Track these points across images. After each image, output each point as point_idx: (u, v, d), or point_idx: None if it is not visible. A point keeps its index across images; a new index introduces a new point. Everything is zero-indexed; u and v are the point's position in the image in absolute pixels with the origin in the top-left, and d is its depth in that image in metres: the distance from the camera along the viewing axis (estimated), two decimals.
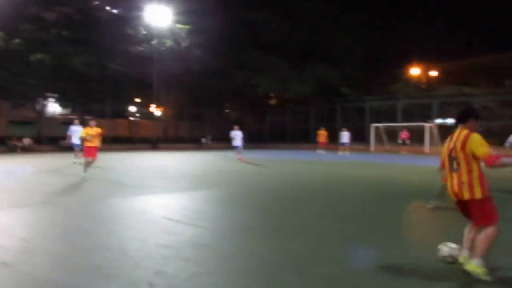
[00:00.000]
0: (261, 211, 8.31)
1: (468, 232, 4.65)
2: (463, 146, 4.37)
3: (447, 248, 4.74)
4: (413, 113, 36.79)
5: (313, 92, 42.61)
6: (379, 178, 14.41)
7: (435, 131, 30.49)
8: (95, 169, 13.51)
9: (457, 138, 4.49)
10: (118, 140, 36.80)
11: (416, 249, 5.60)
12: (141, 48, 38.51)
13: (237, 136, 22.46)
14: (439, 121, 34.66)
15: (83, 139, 13.45)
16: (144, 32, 38.59)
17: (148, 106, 43.81)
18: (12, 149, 32.43)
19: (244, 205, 8.97)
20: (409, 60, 43.46)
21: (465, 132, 4.46)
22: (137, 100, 46.75)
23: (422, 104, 37.07)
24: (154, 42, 38.16)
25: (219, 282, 4.30)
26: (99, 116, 41.82)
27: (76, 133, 18.15)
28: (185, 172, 16.16)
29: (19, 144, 33.53)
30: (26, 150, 32.31)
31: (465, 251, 4.56)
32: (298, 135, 44.74)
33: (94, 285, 4.17)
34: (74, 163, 17.44)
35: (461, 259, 4.56)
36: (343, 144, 29.35)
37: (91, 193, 10.23)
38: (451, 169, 4.53)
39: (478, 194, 4.31)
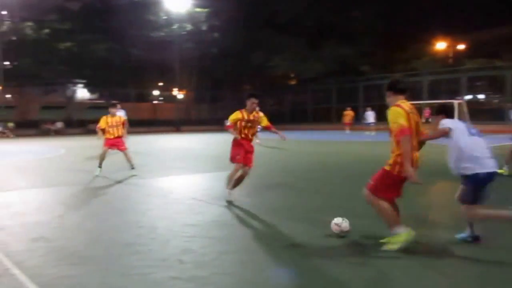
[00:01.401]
0: (280, 191, 8.37)
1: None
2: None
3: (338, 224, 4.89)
4: (439, 90, 35.41)
5: (333, 71, 41.72)
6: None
7: (465, 108, 28.84)
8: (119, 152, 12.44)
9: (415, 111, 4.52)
10: (142, 123, 37.23)
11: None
12: (162, 33, 38.62)
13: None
14: (468, 97, 32.96)
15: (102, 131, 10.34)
16: (165, 17, 38.64)
17: (170, 90, 44.05)
18: (45, 132, 33.27)
19: (268, 185, 8.95)
20: (433, 34, 40.36)
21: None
22: (160, 84, 47.04)
23: (449, 79, 34.99)
24: (175, 27, 38.19)
25: (245, 261, 4.34)
26: (124, 100, 42.35)
27: None
28: (209, 153, 16.29)
29: (52, 127, 34.37)
30: (58, 133, 33.10)
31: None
32: (319, 115, 44.12)
33: (126, 260, 4.31)
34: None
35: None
36: (368, 124, 28.46)
37: (120, 174, 10.43)
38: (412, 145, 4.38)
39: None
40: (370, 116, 28.52)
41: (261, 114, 7.19)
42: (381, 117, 30.92)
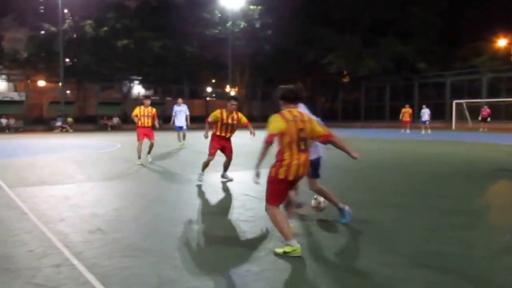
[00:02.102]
0: (337, 188, 8.21)
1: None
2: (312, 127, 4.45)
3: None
4: (499, 88, 34.04)
5: (388, 68, 40.78)
6: (463, 157, 13.72)
7: None
8: (173, 147, 13.39)
9: (303, 119, 4.43)
10: (195, 119, 37.78)
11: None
12: (216, 31, 39.03)
13: (180, 113, 18.73)
14: None
15: (135, 120, 11.67)
16: (219, 15, 39.03)
17: (223, 87, 44.53)
18: (102, 127, 34.53)
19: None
20: (494, 31, 38.39)
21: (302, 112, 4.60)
22: (213, 80, 47.63)
23: (510, 78, 34.03)
24: (229, 24, 38.50)
25: (296, 257, 4.27)
26: (178, 96, 43.23)
27: (181, 113, 16.45)
28: (258, 150, 16.23)
29: (109, 122, 35.62)
30: (114, 128, 34.26)
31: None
32: (372, 113, 43.30)
33: (179, 253, 4.35)
34: (181, 145, 16.26)
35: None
36: (424, 122, 27.34)
37: (172, 169, 10.63)
38: (300, 150, 4.38)
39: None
40: (425, 114, 27.38)
41: (240, 114, 8.59)
42: (437, 115, 29.84)
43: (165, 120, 37.65)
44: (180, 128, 16.46)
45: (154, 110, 11.80)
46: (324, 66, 42.07)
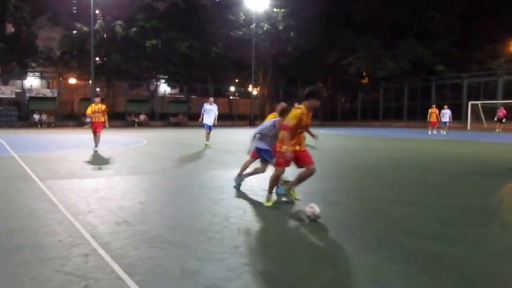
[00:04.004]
0: (352, 187, 8.13)
1: None
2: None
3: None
4: None
5: (406, 70, 40.41)
6: (478, 156, 13.42)
7: None
8: (196, 145, 13.73)
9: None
10: (219, 117, 38.03)
11: None
12: (240, 32, 39.10)
13: (210, 112, 17.73)
14: None
15: (89, 116, 14.13)
16: (243, 17, 39.07)
17: (246, 86, 44.58)
18: (130, 124, 34.93)
19: (336, 180, 8.83)
20: (511, 34, 38.78)
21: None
22: (236, 80, 47.74)
23: None
24: (253, 26, 38.51)
25: (314, 251, 4.30)
26: (202, 95, 43.53)
27: (211, 112, 15.64)
28: None
29: (136, 119, 36.02)
30: (142, 125, 34.64)
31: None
32: (390, 113, 42.88)
33: (201, 246, 4.35)
34: (206, 145, 15.32)
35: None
36: (445, 123, 26.43)
37: (196, 165, 10.66)
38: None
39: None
40: (446, 114, 26.53)
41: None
42: (454, 116, 29.14)
43: (189, 118, 38.00)
44: (209, 127, 15.61)
45: (104, 106, 13.89)
46: (344, 67, 41.87)
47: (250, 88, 43.28)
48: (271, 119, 7.09)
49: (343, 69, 42.50)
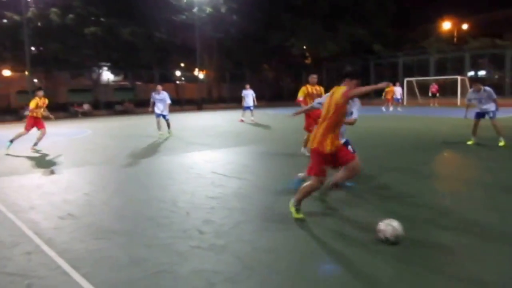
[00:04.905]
0: (296, 163, 8.25)
1: None
2: None
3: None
4: (445, 67, 35.29)
5: (347, 50, 41.44)
6: (409, 130, 14.01)
7: (467, 83, 28.94)
8: (143, 132, 13.39)
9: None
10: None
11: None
12: (183, 16, 38.31)
13: (248, 95, 19.39)
14: (471, 73, 33.07)
15: (30, 111, 11.24)
16: (185, 0, 38.27)
17: (192, 70, 43.95)
18: (73, 115, 33.52)
19: (281, 159, 8.94)
20: (440, 15, 40.87)
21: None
22: (182, 65, 46.94)
23: (454, 58, 35.41)
24: (195, 9, 37.81)
25: (261, 229, 4.35)
26: (148, 81, 42.52)
27: (161, 102, 14.18)
28: (229, 130, 16.19)
29: (79, 109, 34.62)
30: (85, 115, 33.33)
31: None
32: None
33: (150, 232, 4.29)
34: (164, 134, 14.06)
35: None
36: (398, 100, 26.22)
37: (144, 152, 10.42)
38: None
39: None
40: (397, 92, 26.58)
41: (321, 87, 9.07)
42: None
43: (136, 105, 37.03)
44: (160, 115, 14.16)
45: (46, 100, 11.66)
46: (288, 48, 42.26)
47: (196, 72, 42.70)
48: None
49: (286, 51, 42.87)
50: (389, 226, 3.75)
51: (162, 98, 14.12)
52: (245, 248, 3.79)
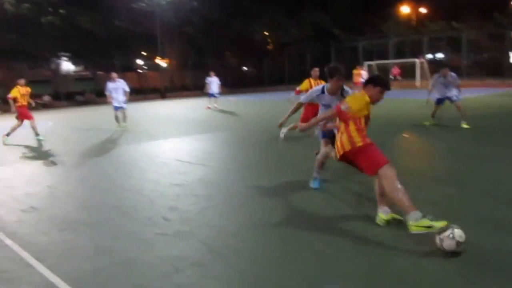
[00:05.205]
0: (262, 149, 8.35)
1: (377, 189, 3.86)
2: None
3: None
4: (404, 50, 36.03)
5: (308, 36, 41.68)
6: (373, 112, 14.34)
7: (425, 66, 29.81)
8: (106, 123, 13.13)
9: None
10: (130, 92, 36.58)
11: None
12: (143, 4, 37.47)
13: (213, 83, 18.96)
14: (429, 56, 34.01)
15: (14, 100, 11.00)
16: None
17: (154, 58, 43.17)
18: (33, 107, 32.27)
19: (247, 144, 9.03)
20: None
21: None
22: (144, 53, 46.02)
23: (412, 41, 36.06)
24: None
25: (226, 214, 4.41)
26: (109, 70, 41.42)
27: (117, 91, 12.83)
28: (193, 117, 16.11)
29: (39, 101, 33.42)
30: (46, 106, 32.24)
31: (384, 208, 3.77)
32: (295, 78, 44.05)
33: (115, 221, 4.28)
34: (123, 126, 12.88)
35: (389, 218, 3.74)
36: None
37: (107, 142, 10.26)
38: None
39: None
40: (364, 75, 25.75)
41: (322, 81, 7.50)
42: (352, 77, 30.72)
43: (98, 95, 36.14)
44: (118, 107, 12.85)
45: (29, 89, 11.54)
46: (250, 35, 42.12)
47: (158, 61, 41.96)
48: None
49: (248, 37, 42.71)
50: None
51: (118, 87, 12.82)
52: (211, 233, 3.83)
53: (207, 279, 2.94)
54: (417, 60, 30.91)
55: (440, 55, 37.28)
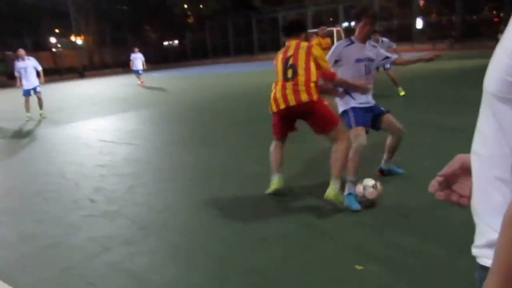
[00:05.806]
0: (187, 124, 8.35)
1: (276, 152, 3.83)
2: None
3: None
4: (322, 20, 36.90)
5: (228, 7, 41.20)
6: None
7: (342, 34, 30.81)
8: (20, 106, 12.25)
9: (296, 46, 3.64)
10: (44, 72, 34.26)
11: None
12: None
13: (137, 59, 18.40)
14: (345, 24, 35.19)
15: None
16: None
17: (69, 36, 40.57)
18: None
19: (172, 121, 8.97)
20: None
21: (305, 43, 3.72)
22: (57, 30, 42.99)
23: (329, 10, 37.09)
24: None
25: (154, 191, 4.41)
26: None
27: (26, 71, 10.70)
28: (114, 96, 15.56)
29: None
30: None
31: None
32: (219, 50, 43.70)
33: (38, 207, 4.14)
34: (30, 117, 10.64)
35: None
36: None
37: (24, 126, 9.66)
38: (285, 79, 3.56)
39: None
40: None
41: None
42: (273, 48, 31.15)
43: (9, 77, 33.44)
44: (28, 92, 10.74)
45: None
46: (169, 8, 40.85)
47: (73, 38, 39.51)
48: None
49: (167, 10, 41.42)
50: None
51: (27, 65, 10.72)
52: (139, 211, 3.83)
53: (139, 255, 2.98)
54: (334, 29, 31.91)
55: (354, 24, 38.80)
